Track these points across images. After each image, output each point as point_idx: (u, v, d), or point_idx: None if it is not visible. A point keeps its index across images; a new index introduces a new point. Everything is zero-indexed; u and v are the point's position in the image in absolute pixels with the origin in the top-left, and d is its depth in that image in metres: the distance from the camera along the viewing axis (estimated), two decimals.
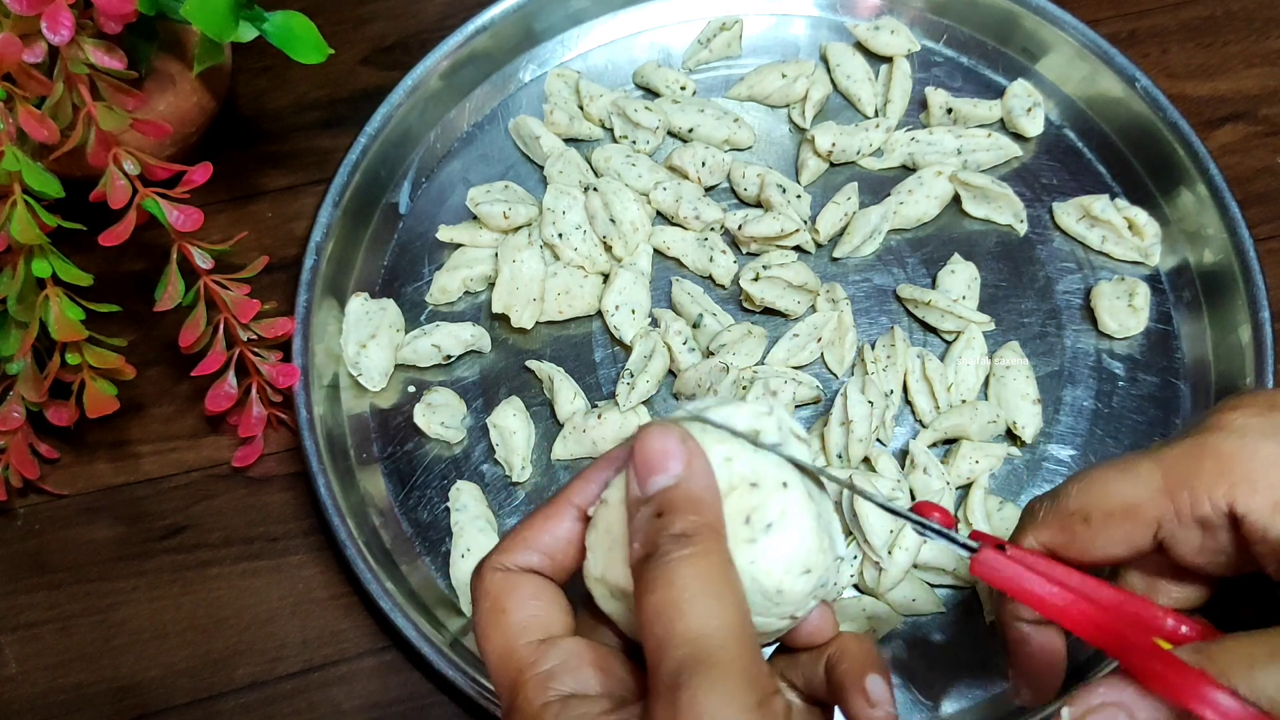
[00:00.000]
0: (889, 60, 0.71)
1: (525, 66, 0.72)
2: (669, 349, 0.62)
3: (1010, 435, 0.62)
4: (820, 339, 0.63)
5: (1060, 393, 0.63)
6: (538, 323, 0.64)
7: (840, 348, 0.63)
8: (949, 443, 0.62)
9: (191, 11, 0.53)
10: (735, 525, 0.35)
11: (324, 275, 0.64)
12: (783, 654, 0.40)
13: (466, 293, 0.66)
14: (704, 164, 0.67)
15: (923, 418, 0.62)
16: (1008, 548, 0.40)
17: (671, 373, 0.63)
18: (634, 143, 0.69)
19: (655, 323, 0.64)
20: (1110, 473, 0.41)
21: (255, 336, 0.59)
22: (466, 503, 0.60)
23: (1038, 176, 0.69)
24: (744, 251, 0.66)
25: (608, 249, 0.65)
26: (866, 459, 0.59)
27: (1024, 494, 0.61)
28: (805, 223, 0.66)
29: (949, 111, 0.70)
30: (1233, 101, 0.72)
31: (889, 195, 0.67)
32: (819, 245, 0.67)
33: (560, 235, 0.64)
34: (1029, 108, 0.69)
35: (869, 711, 0.35)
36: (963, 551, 0.40)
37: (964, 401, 0.62)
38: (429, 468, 0.62)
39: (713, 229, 0.66)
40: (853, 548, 0.57)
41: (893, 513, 0.40)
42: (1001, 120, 0.70)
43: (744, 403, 0.38)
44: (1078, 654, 0.46)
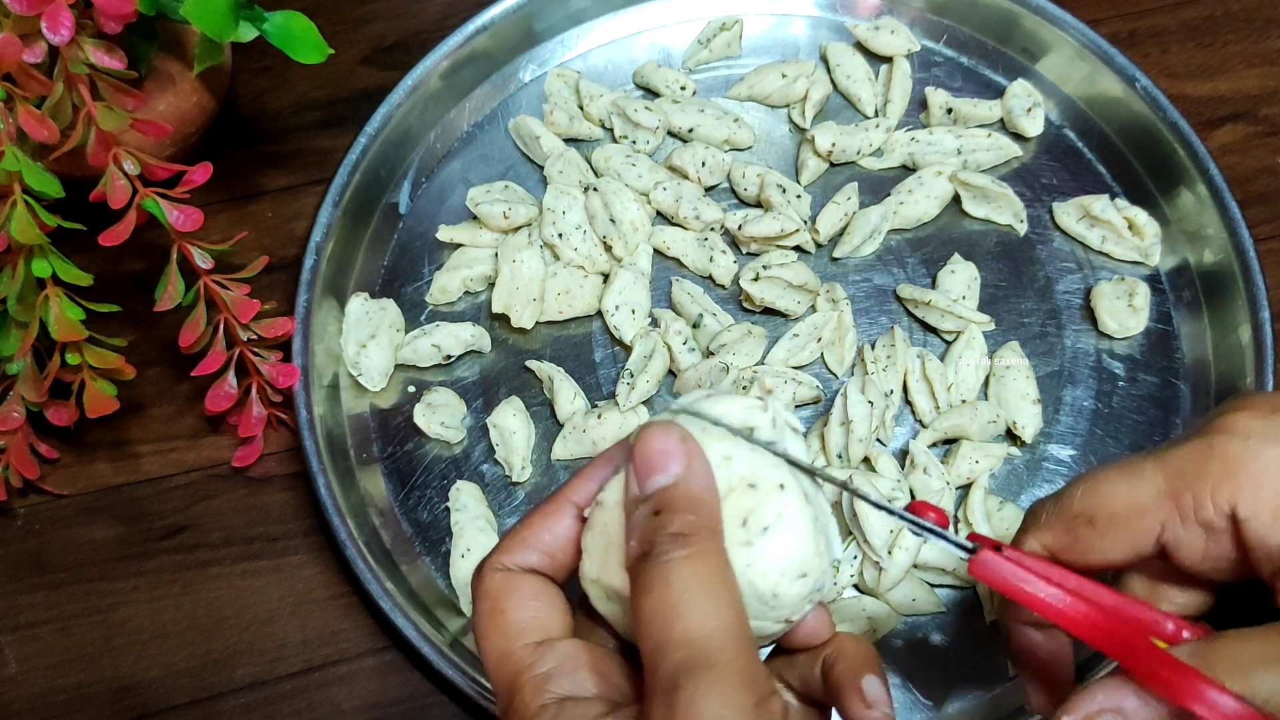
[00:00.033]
0: (889, 60, 0.71)
1: (525, 66, 0.72)
2: (669, 349, 0.62)
3: (1010, 435, 0.62)
4: (820, 339, 0.63)
5: (1060, 393, 0.63)
6: (538, 323, 0.64)
7: (840, 348, 0.63)
8: (949, 443, 0.62)
9: (191, 11, 0.53)
10: (732, 528, 0.35)
11: (324, 275, 0.64)
12: (780, 655, 0.39)
13: (466, 293, 0.66)
14: (704, 164, 0.67)
15: (923, 418, 0.62)
16: (1004, 549, 0.40)
17: (671, 373, 0.63)
18: (634, 143, 0.69)
19: (655, 323, 0.64)
20: (1114, 475, 0.41)
21: (255, 336, 0.59)
22: (466, 503, 0.60)
23: (1038, 176, 0.69)
24: (744, 251, 0.66)
25: (608, 249, 0.65)
26: (866, 459, 0.59)
27: (1024, 494, 0.61)
28: (805, 223, 0.66)
29: (949, 111, 0.70)
30: (1233, 101, 0.72)
31: (889, 195, 0.67)
32: (819, 245, 0.67)
33: (560, 235, 0.64)
34: (1029, 108, 0.69)
35: (865, 712, 0.35)
36: (960, 553, 0.40)
37: (964, 401, 0.61)
38: (429, 468, 0.62)
39: (713, 229, 0.66)
40: (853, 548, 0.57)
41: (889, 512, 0.40)
42: (1001, 120, 0.70)
43: (738, 396, 0.38)
44: (1077, 655, 0.46)
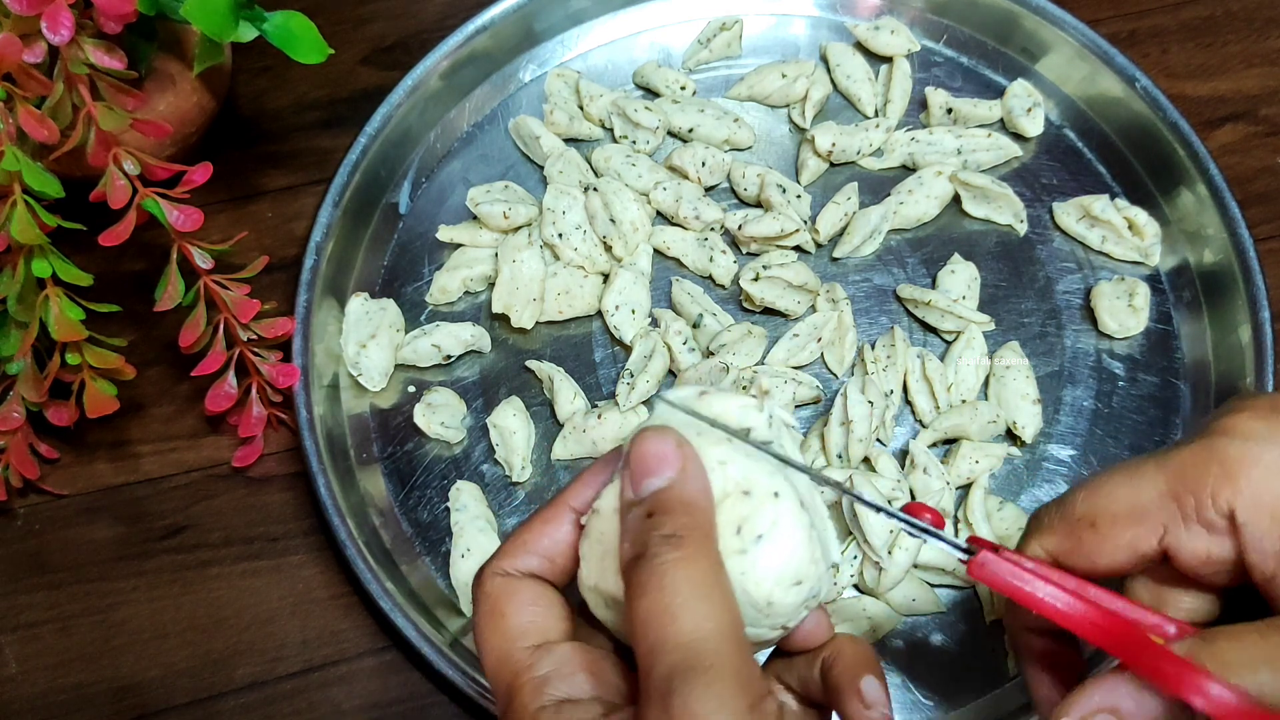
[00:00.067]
0: (889, 60, 0.71)
1: (525, 66, 0.72)
2: (669, 349, 0.62)
3: (1010, 435, 0.62)
4: (820, 339, 0.63)
5: (1060, 393, 0.63)
6: (538, 323, 0.64)
7: (840, 348, 0.63)
8: (949, 443, 0.62)
9: (191, 11, 0.53)
10: (727, 535, 0.35)
11: (324, 275, 0.64)
12: (779, 656, 0.40)
13: (466, 293, 0.66)
14: (704, 164, 0.67)
15: (923, 418, 0.62)
16: (1001, 551, 0.40)
17: (671, 373, 0.63)
18: (634, 143, 0.69)
19: (655, 323, 0.64)
20: (1116, 478, 0.41)
21: (255, 336, 0.59)
22: (466, 503, 0.60)
23: (1038, 176, 0.69)
24: (744, 251, 0.66)
25: (608, 249, 0.65)
26: (866, 459, 0.59)
27: (1024, 494, 0.61)
28: (805, 223, 0.66)
29: (949, 111, 0.70)
30: (1233, 101, 0.72)
31: (889, 195, 0.67)
32: (819, 245, 0.67)
33: (560, 235, 0.64)
34: (1029, 108, 0.69)
35: (864, 713, 0.35)
36: (959, 554, 0.40)
37: (964, 401, 0.61)
38: (429, 468, 0.62)
39: (713, 229, 0.66)
40: (852, 548, 0.57)
41: (888, 514, 0.40)
42: (1001, 120, 0.70)
43: (735, 394, 0.38)
44: (1084, 660, 0.46)
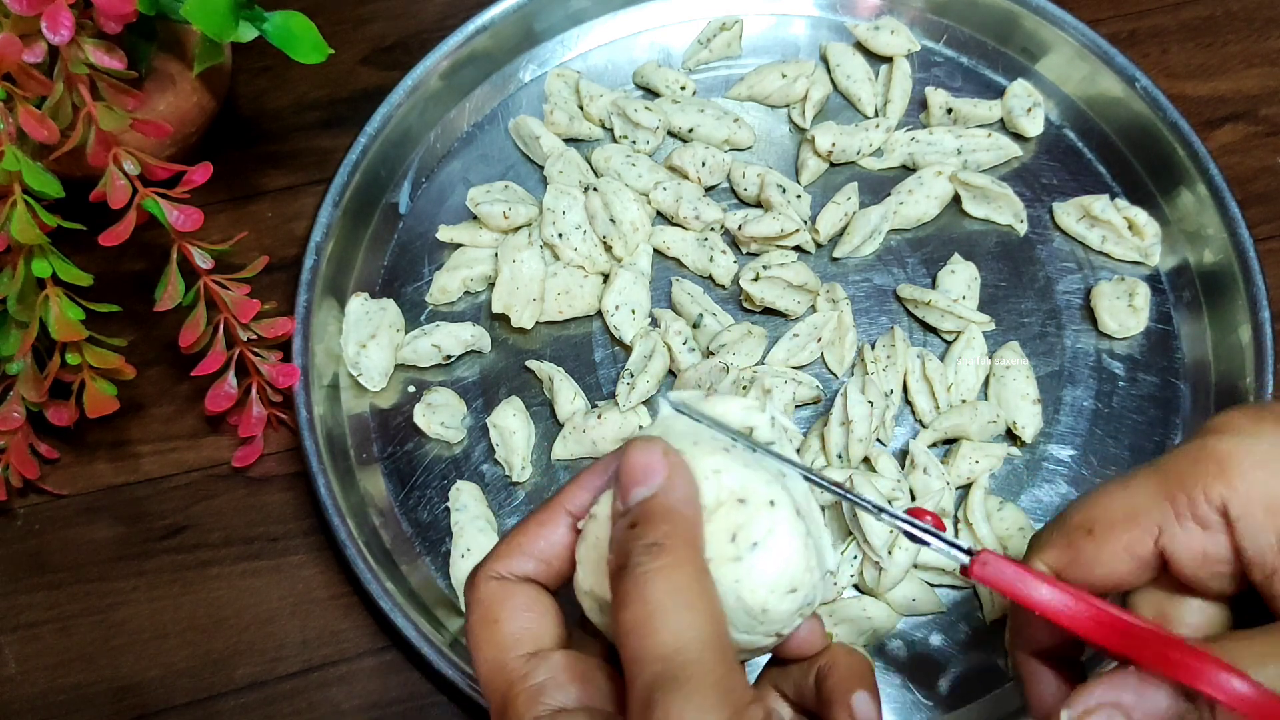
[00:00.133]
0: (889, 60, 0.71)
1: (525, 66, 0.72)
2: (669, 349, 0.62)
3: (1010, 435, 0.62)
4: (820, 339, 0.63)
5: (1060, 393, 0.63)
6: (538, 323, 0.64)
7: (840, 348, 0.63)
8: (949, 443, 0.62)
9: (191, 11, 0.53)
10: (721, 543, 0.35)
11: (324, 275, 0.64)
12: (775, 664, 0.39)
13: (466, 293, 0.66)
14: (704, 164, 0.67)
15: (923, 418, 0.62)
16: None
17: (671, 373, 0.63)
18: (634, 143, 0.69)
19: (655, 323, 0.64)
20: (1112, 486, 0.41)
21: (255, 336, 0.59)
22: (466, 503, 0.60)
23: (1038, 176, 0.69)
24: (744, 251, 0.66)
25: (608, 249, 0.65)
26: (866, 459, 0.59)
27: (1024, 494, 0.61)
28: (805, 223, 0.66)
29: (949, 111, 0.70)
30: (1233, 101, 0.72)
31: (889, 195, 0.67)
32: (819, 245, 0.67)
33: (560, 235, 0.64)
34: (1029, 108, 0.69)
35: None
36: (961, 557, 0.39)
37: (964, 401, 0.61)
38: (429, 468, 0.62)
39: (713, 229, 0.66)
40: (852, 548, 0.57)
41: (890, 515, 0.40)
42: (1001, 120, 0.70)
43: (736, 397, 0.38)
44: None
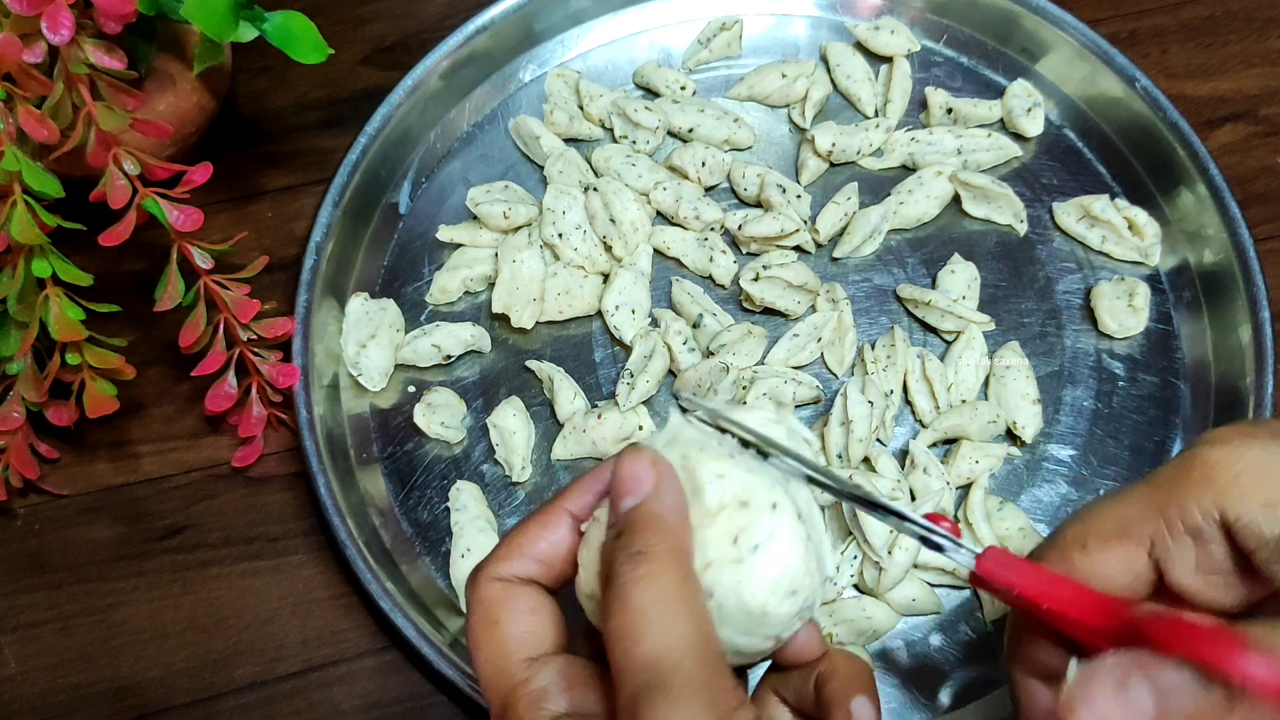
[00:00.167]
0: (889, 60, 0.71)
1: (525, 66, 0.72)
2: (669, 349, 0.62)
3: (1010, 435, 0.62)
4: (820, 339, 0.63)
5: (1060, 393, 0.63)
6: (538, 323, 0.64)
7: (840, 348, 0.63)
8: (949, 443, 0.62)
9: (191, 11, 0.53)
10: (723, 545, 0.35)
11: (324, 275, 0.64)
12: (775, 670, 0.39)
13: (466, 293, 0.66)
14: (704, 164, 0.67)
15: (923, 418, 0.62)
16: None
17: (671, 373, 0.63)
18: (634, 143, 0.69)
19: (655, 323, 0.64)
20: (1105, 500, 0.41)
21: (255, 336, 0.59)
22: (466, 503, 0.60)
23: (1038, 176, 0.69)
24: (744, 251, 0.66)
25: (608, 249, 0.65)
26: (866, 459, 0.59)
27: (1024, 494, 0.61)
28: (805, 223, 0.66)
29: (949, 111, 0.70)
30: (1233, 101, 0.72)
31: (889, 195, 0.67)
32: (819, 245, 0.67)
33: (560, 235, 0.64)
34: (1029, 108, 0.69)
35: None
36: (967, 557, 0.39)
37: (964, 401, 0.61)
38: (429, 468, 0.62)
39: (713, 229, 0.66)
40: (853, 548, 0.57)
41: (903, 518, 0.39)
42: (1001, 120, 0.70)
43: (752, 409, 0.38)
44: None
